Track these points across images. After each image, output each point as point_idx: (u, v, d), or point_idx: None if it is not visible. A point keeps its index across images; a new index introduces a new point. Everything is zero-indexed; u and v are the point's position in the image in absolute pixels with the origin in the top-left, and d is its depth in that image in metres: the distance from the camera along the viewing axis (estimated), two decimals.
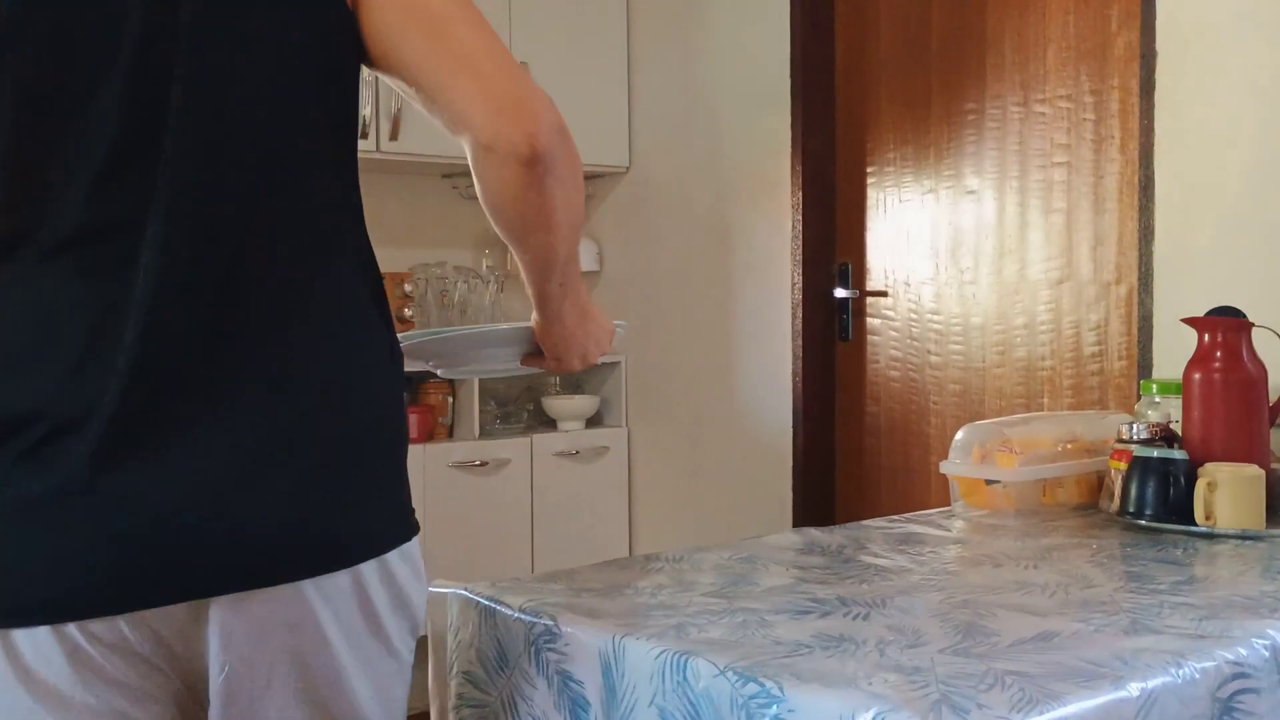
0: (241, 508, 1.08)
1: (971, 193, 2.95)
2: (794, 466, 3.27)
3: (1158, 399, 2.06)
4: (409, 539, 1.20)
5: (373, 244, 1.23)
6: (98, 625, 1.07)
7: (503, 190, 1.15)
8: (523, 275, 1.27)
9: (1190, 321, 1.95)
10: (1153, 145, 2.47)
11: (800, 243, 3.23)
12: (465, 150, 1.16)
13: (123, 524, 1.06)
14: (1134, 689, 1.08)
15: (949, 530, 1.80)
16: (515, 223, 1.18)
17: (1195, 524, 1.75)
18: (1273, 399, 1.94)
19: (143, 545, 1.06)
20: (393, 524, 1.19)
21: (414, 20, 1.14)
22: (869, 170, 3.19)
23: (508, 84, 1.12)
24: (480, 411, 3.49)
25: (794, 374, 3.26)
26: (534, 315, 1.34)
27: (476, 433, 3.47)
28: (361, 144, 1.49)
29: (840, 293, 3.26)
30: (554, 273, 1.26)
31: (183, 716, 1.15)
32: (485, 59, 1.13)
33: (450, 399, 3.50)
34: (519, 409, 3.75)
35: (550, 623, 1.30)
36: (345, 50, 1.15)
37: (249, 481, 1.09)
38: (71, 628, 1.06)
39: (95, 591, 1.06)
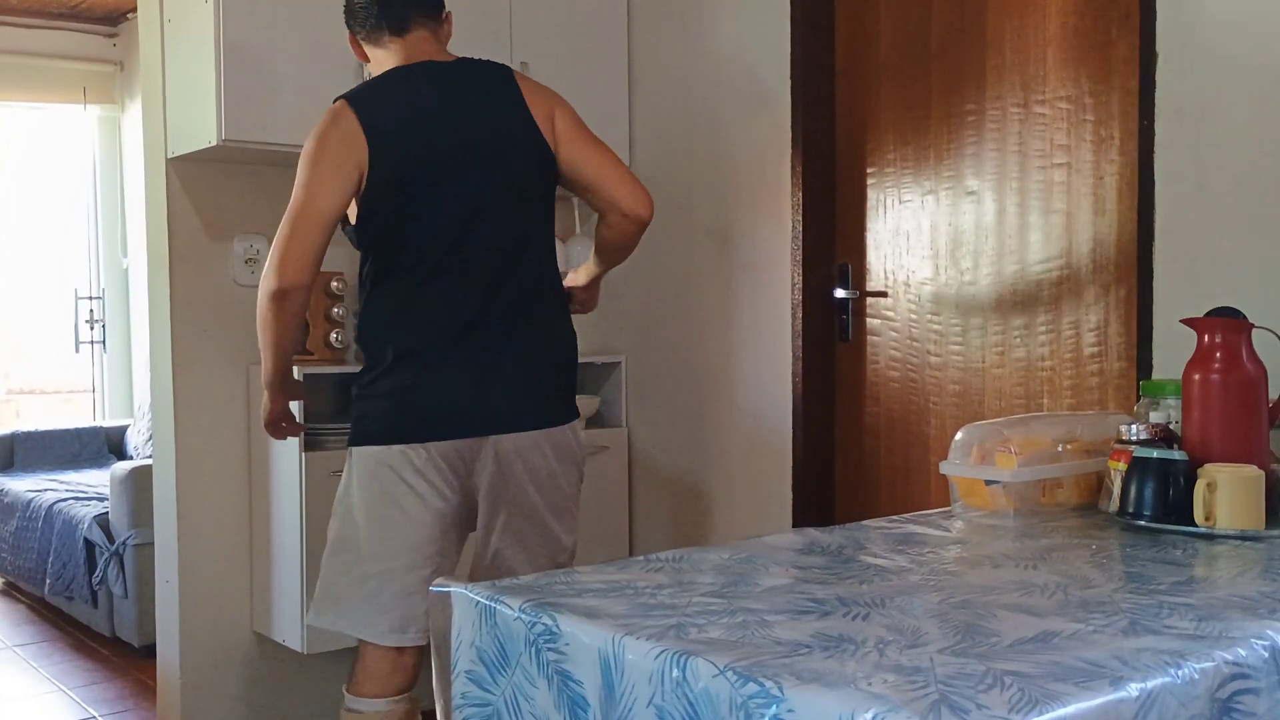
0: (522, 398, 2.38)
1: (971, 193, 2.95)
2: (794, 466, 3.27)
3: (1157, 399, 2.06)
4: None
5: None
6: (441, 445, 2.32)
7: (624, 238, 2.44)
8: (596, 264, 2.55)
9: (1190, 322, 1.95)
10: (1153, 145, 2.47)
11: (800, 243, 3.23)
12: (601, 214, 2.43)
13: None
14: (1133, 689, 1.08)
15: (948, 530, 1.80)
16: (620, 253, 2.51)
17: (1195, 525, 1.75)
18: (1272, 399, 1.95)
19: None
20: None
21: (585, 151, 2.39)
22: (869, 171, 3.19)
23: (636, 185, 2.40)
24: None
25: (794, 374, 3.26)
26: (573, 278, 2.59)
27: None
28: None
29: (840, 293, 3.26)
30: (613, 268, 2.57)
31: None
32: (623, 169, 2.41)
33: None
34: None
35: (550, 622, 1.31)
36: (550, 174, 2.41)
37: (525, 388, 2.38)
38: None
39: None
